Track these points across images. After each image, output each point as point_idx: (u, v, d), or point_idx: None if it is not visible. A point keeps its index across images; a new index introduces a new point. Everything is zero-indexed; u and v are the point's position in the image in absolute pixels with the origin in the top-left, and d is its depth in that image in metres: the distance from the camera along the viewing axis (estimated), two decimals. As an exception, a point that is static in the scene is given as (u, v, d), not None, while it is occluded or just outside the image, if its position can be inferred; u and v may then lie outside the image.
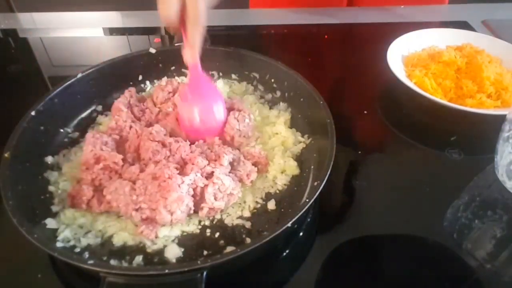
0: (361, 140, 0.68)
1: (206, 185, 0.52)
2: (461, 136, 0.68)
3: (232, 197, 0.53)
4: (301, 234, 0.53)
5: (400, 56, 0.81)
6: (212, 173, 0.53)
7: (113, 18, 1.03)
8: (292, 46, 0.96)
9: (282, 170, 0.58)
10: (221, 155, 0.55)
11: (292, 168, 0.58)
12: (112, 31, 0.99)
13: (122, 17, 1.04)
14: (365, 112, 0.74)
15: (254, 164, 0.57)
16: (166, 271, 0.39)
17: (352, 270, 0.50)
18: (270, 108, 0.69)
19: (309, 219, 0.55)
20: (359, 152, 0.65)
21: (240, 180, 0.56)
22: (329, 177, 0.49)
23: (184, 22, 0.55)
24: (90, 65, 0.66)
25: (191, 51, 0.57)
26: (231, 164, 0.56)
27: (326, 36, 1.01)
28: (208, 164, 0.54)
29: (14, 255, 0.50)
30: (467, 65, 0.76)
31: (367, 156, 0.64)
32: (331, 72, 0.88)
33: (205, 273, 0.40)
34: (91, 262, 0.41)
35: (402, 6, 1.08)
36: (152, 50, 0.71)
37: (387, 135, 0.71)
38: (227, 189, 0.53)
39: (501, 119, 0.57)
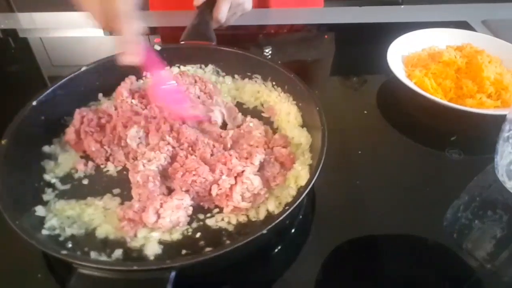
0: (361, 140, 0.68)
1: (234, 185, 0.52)
2: (461, 136, 0.68)
3: (258, 197, 0.52)
4: (299, 234, 0.53)
5: (400, 56, 0.81)
6: (242, 172, 0.53)
7: (113, 18, 1.03)
8: (292, 46, 0.96)
9: (295, 179, 0.55)
10: (253, 154, 0.55)
11: (303, 178, 0.55)
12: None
13: (122, 17, 1.04)
14: (365, 112, 0.74)
15: (281, 164, 0.56)
16: (135, 267, 0.40)
17: (352, 270, 0.50)
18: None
19: (307, 219, 0.55)
20: (359, 152, 0.65)
21: (266, 181, 0.54)
22: (329, 177, 0.49)
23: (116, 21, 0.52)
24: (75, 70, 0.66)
25: (132, 47, 0.53)
26: (260, 163, 0.56)
27: (326, 36, 1.01)
28: (239, 163, 0.54)
29: (14, 255, 0.50)
30: (467, 65, 0.76)
31: (367, 156, 0.64)
32: (331, 71, 0.88)
33: (173, 273, 0.39)
34: (64, 252, 0.42)
35: (402, 6, 1.08)
36: (157, 47, 0.71)
37: (387, 135, 0.71)
38: (255, 189, 0.52)
39: (501, 119, 0.57)
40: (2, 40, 0.95)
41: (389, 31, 0.85)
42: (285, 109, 0.66)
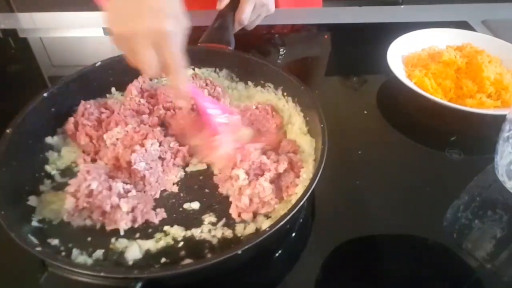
0: (361, 140, 0.68)
1: (245, 186, 0.52)
2: (461, 136, 0.68)
3: (266, 206, 0.52)
4: (300, 235, 0.53)
5: (400, 56, 0.81)
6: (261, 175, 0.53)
7: (113, 18, 1.03)
8: (292, 45, 0.96)
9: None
10: (280, 162, 0.54)
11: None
12: (112, 31, 0.99)
13: (122, 17, 1.04)
14: (365, 112, 0.74)
15: (291, 169, 0.56)
16: (102, 273, 0.39)
17: (352, 270, 0.50)
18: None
19: (307, 221, 0.55)
20: (359, 152, 0.65)
21: (279, 191, 0.54)
22: (329, 177, 0.49)
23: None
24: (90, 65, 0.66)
25: (181, 96, 0.54)
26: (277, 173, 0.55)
27: (326, 36, 1.01)
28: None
29: (14, 255, 0.49)
30: (467, 65, 0.76)
31: (367, 156, 0.64)
32: (331, 71, 0.88)
33: (140, 283, 0.39)
34: (38, 249, 0.42)
35: (402, 6, 1.08)
36: None
37: (387, 135, 0.71)
38: (266, 197, 0.52)
39: (501, 119, 0.57)
40: (2, 40, 0.95)
41: (389, 31, 0.85)
42: (292, 121, 0.65)
